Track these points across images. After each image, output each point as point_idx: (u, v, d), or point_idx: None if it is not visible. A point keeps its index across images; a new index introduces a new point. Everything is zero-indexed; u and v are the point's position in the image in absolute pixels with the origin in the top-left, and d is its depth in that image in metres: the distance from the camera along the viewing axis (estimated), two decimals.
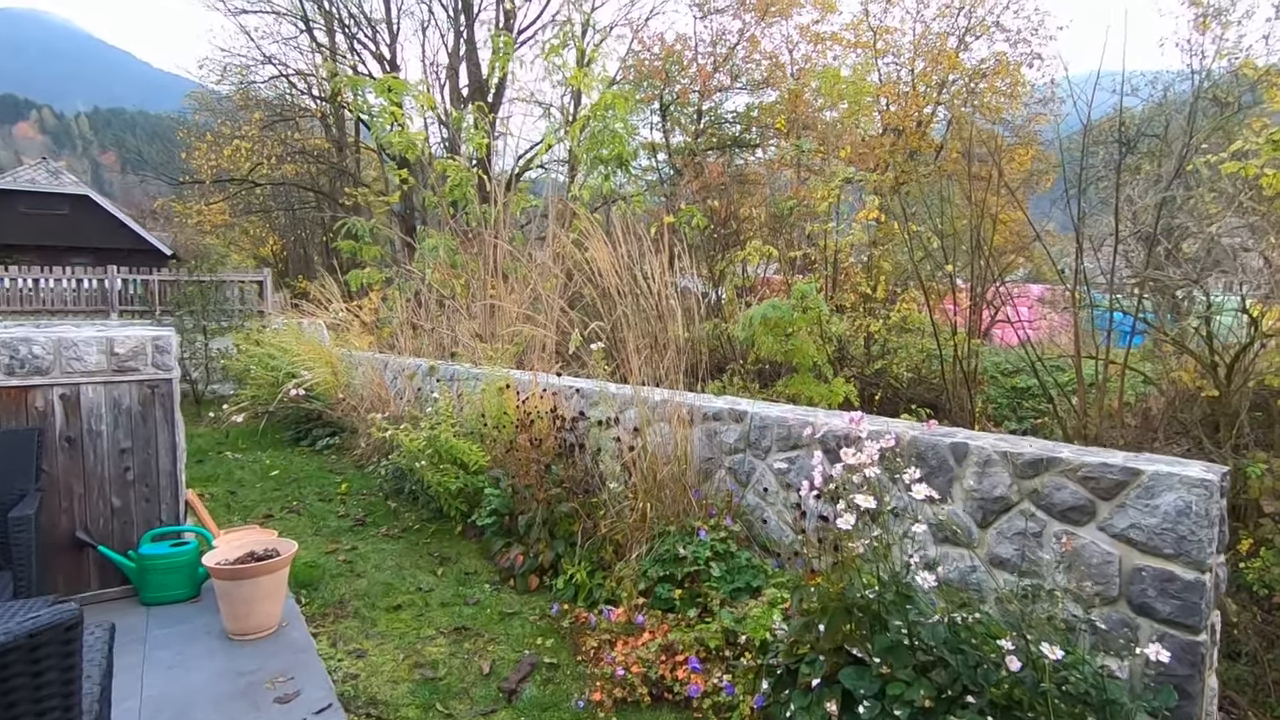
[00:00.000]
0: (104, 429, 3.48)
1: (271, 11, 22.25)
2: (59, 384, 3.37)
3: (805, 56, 22.41)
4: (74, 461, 3.42)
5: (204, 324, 8.74)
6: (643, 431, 3.56)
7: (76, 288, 10.65)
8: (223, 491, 5.54)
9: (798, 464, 3.44)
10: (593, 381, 4.83)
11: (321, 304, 8.16)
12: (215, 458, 6.63)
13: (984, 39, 20.33)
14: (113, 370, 3.48)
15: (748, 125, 22.53)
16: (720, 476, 3.83)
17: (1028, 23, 19.77)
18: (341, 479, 5.97)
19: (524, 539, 3.90)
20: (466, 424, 4.83)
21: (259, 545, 3.33)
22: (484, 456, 4.52)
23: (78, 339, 3.40)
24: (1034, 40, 19.54)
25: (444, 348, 8.25)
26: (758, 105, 22.30)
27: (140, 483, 3.58)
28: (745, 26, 22.33)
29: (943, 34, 20.66)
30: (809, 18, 21.85)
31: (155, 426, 3.61)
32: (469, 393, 4.99)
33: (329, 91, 22.50)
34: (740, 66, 22.77)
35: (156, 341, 3.58)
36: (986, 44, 20.17)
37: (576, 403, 4.83)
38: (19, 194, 24.24)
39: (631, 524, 3.49)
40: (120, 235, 25.44)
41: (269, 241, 28.14)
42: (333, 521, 4.86)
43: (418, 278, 8.37)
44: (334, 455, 6.74)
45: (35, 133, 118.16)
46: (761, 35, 22.37)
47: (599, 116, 5.73)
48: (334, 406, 6.89)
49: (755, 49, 22.42)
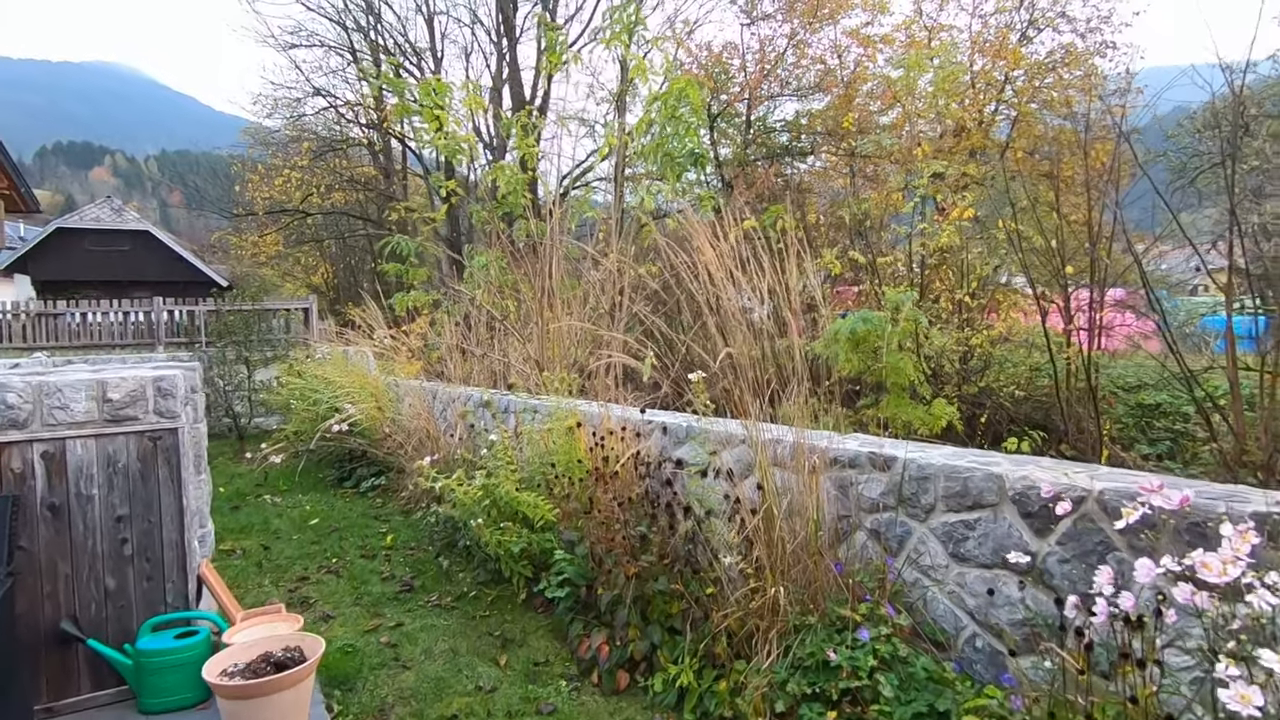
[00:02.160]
0: (96, 493, 2.82)
1: (320, 44, 22.53)
2: (40, 439, 2.73)
3: (856, 60, 21.49)
4: (59, 535, 2.77)
5: (246, 355, 8.31)
6: (768, 488, 2.72)
7: (124, 321, 10.45)
8: (256, 546, 4.91)
9: (979, 529, 2.55)
10: (682, 416, 4.02)
11: (364, 331, 7.62)
12: (253, 503, 6.04)
13: (1048, 31, 19.07)
14: (106, 420, 2.84)
15: (797, 134, 21.68)
16: (860, 542, 2.95)
17: (1096, 11, 18.42)
18: (387, 528, 5.28)
19: (608, 621, 3.09)
20: (528, 468, 4.07)
21: (279, 643, 2.60)
22: (551, 510, 3.73)
23: (62, 383, 2.77)
24: (1105, 29, 18.18)
25: (495, 375, 7.58)
26: (807, 112, 21.45)
27: (140, 558, 2.91)
28: (794, 31, 21.57)
29: (1003, 30, 19.47)
30: (858, 20, 20.95)
31: (158, 487, 2.94)
32: (529, 429, 4.23)
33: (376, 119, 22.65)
34: (789, 73, 21.99)
35: (159, 383, 2.93)
36: (1051, 36, 18.88)
37: (658, 440, 4.02)
38: (85, 232, 25.03)
39: (755, 610, 2.64)
40: (178, 268, 26.02)
41: (320, 269, 28.43)
42: (375, 585, 4.14)
43: (466, 299, 7.76)
44: (379, 498, 6.08)
45: (109, 176, 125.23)
46: (809, 40, 21.58)
47: (669, 107, 4.99)
48: (379, 443, 6.25)
49: (804, 55, 21.62)
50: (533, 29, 23.23)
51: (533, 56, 22.80)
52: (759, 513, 2.66)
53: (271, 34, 20.74)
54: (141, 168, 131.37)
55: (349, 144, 24.28)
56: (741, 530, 2.78)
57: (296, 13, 47.33)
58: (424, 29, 23.75)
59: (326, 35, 22.20)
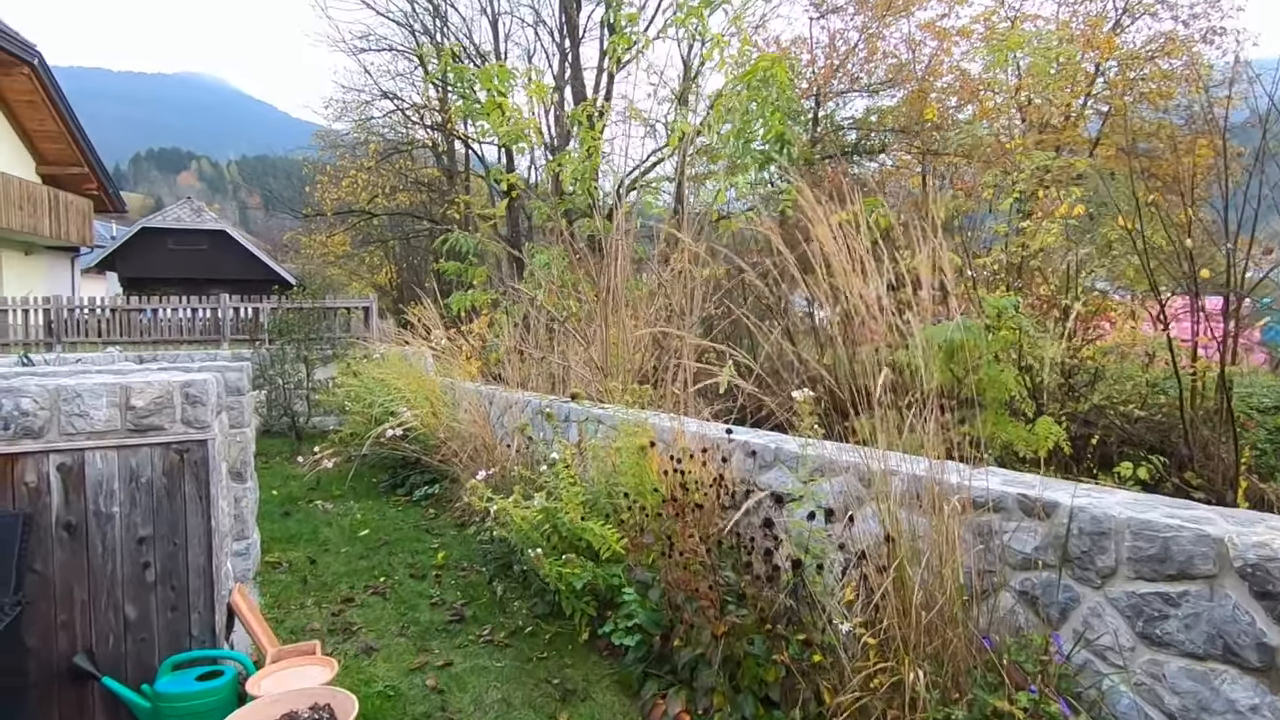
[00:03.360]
0: (116, 511, 2.51)
1: (388, 48, 22.89)
2: (57, 450, 2.43)
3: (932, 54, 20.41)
4: (75, 557, 2.47)
5: (304, 354, 8.21)
6: (898, 538, 2.17)
7: (192, 317, 10.61)
8: (303, 558, 4.63)
9: (1186, 607, 1.94)
10: (769, 436, 3.50)
11: (420, 331, 7.37)
12: (304, 509, 5.81)
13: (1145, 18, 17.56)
14: (129, 429, 2.52)
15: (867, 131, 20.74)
16: (1005, 605, 2.37)
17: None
18: (438, 543, 4.94)
19: (687, 681, 2.60)
20: (593, 488, 3.62)
21: (307, 699, 2.22)
22: (619, 540, 3.27)
23: (82, 387, 2.47)
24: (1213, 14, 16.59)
25: (555, 378, 7.20)
26: (877, 109, 20.49)
27: (164, 585, 2.59)
28: (865, 24, 20.64)
29: (1094, 18, 18.07)
30: (934, 13, 19.88)
31: (185, 506, 2.61)
32: (594, 445, 3.78)
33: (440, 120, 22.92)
34: (859, 68, 21.06)
35: (187, 389, 2.60)
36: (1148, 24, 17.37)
37: (740, 462, 3.51)
38: (167, 231, 26.17)
39: (878, 691, 2.10)
40: (253, 267, 26.91)
41: (384, 269, 28.98)
42: (424, 612, 3.77)
43: (526, 299, 7.42)
44: (432, 508, 5.77)
45: (195, 180, 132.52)
46: (882, 34, 20.62)
47: (752, 89, 4.48)
48: (434, 450, 5.95)
49: (875, 50, 20.67)
50: (595, 30, 23.05)
51: (594, 57, 22.59)
52: (888, 571, 2.12)
53: (343, 39, 21.20)
54: (224, 172, 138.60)
55: (413, 145, 24.64)
56: (859, 588, 2.25)
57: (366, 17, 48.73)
58: (488, 31, 23.88)
59: (394, 39, 22.52)
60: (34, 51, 16.39)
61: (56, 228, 17.40)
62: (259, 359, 8.67)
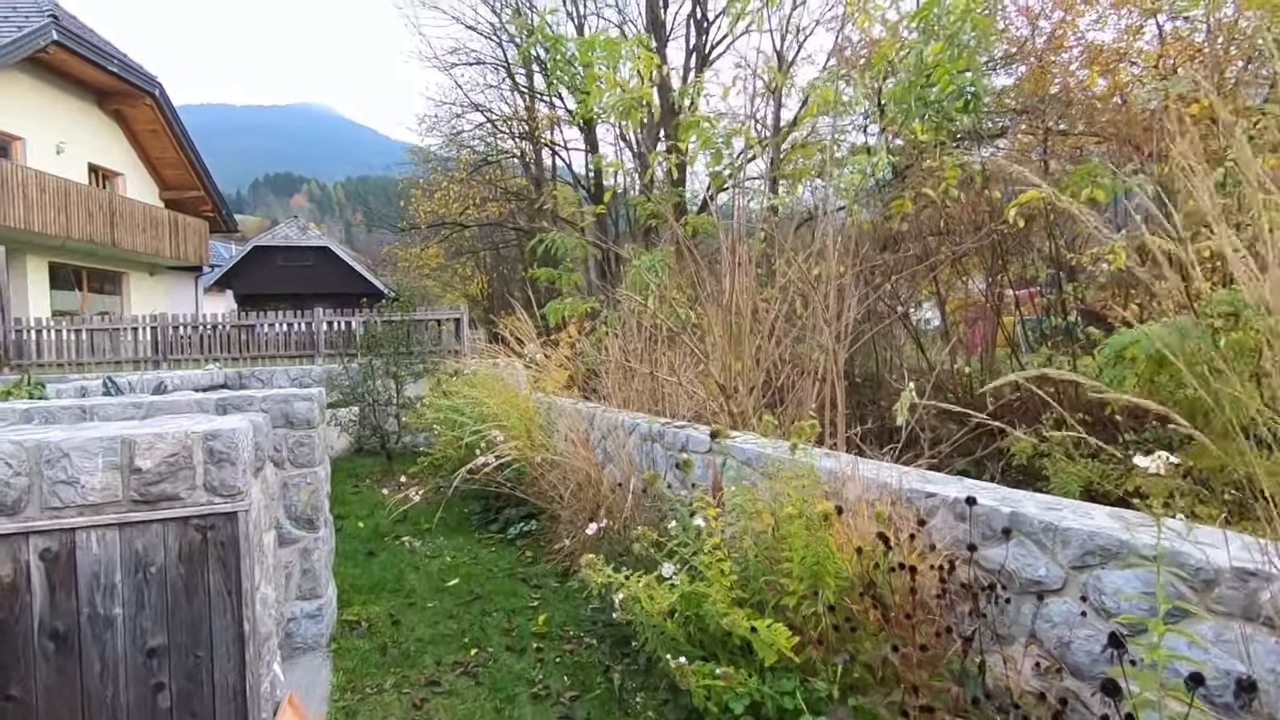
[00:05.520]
0: (118, 613, 1.84)
1: (477, 61, 23.04)
2: (39, 530, 1.78)
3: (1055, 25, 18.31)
4: (65, 677, 1.80)
5: (394, 369, 7.78)
6: None
7: (288, 332, 10.54)
8: (384, 615, 3.96)
9: None
10: (996, 490, 2.48)
11: (511, 344, 6.74)
12: (390, 546, 5.22)
13: None
14: (133, 500, 1.84)
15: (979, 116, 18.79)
16: None
17: None
18: (538, 598, 4.17)
19: None
20: (744, 558, 2.71)
21: None
22: (789, 638, 2.34)
23: (70, 445, 1.80)
24: None
25: (659, 396, 6.36)
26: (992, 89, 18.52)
27: (182, 712, 1.89)
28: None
29: None
30: None
31: (209, 603, 1.91)
32: (742, 502, 2.86)
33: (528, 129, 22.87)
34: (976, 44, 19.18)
35: (211, 443, 1.90)
36: None
37: (945, 523, 2.51)
38: (276, 249, 27.47)
39: None
40: (353, 281, 27.82)
41: (476, 280, 29.34)
42: (524, 706, 2.98)
43: (625, 307, 6.64)
44: (529, 550, 5.03)
45: (305, 202, 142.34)
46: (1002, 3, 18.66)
47: (951, 20, 3.45)
48: (530, 482, 5.23)
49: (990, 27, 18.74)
50: (681, 29, 22.27)
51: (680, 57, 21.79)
52: None
53: (435, 55, 21.44)
54: (330, 193, 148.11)
55: (502, 155, 24.75)
56: None
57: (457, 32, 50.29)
58: (573, 34, 23.62)
59: (482, 51, 22.66)
60: (155, 83, 17.28)
61: (175, 248, 18.30)
62: (350, 374, 8.33)
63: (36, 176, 13.86)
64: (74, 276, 16.83)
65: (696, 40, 21.37)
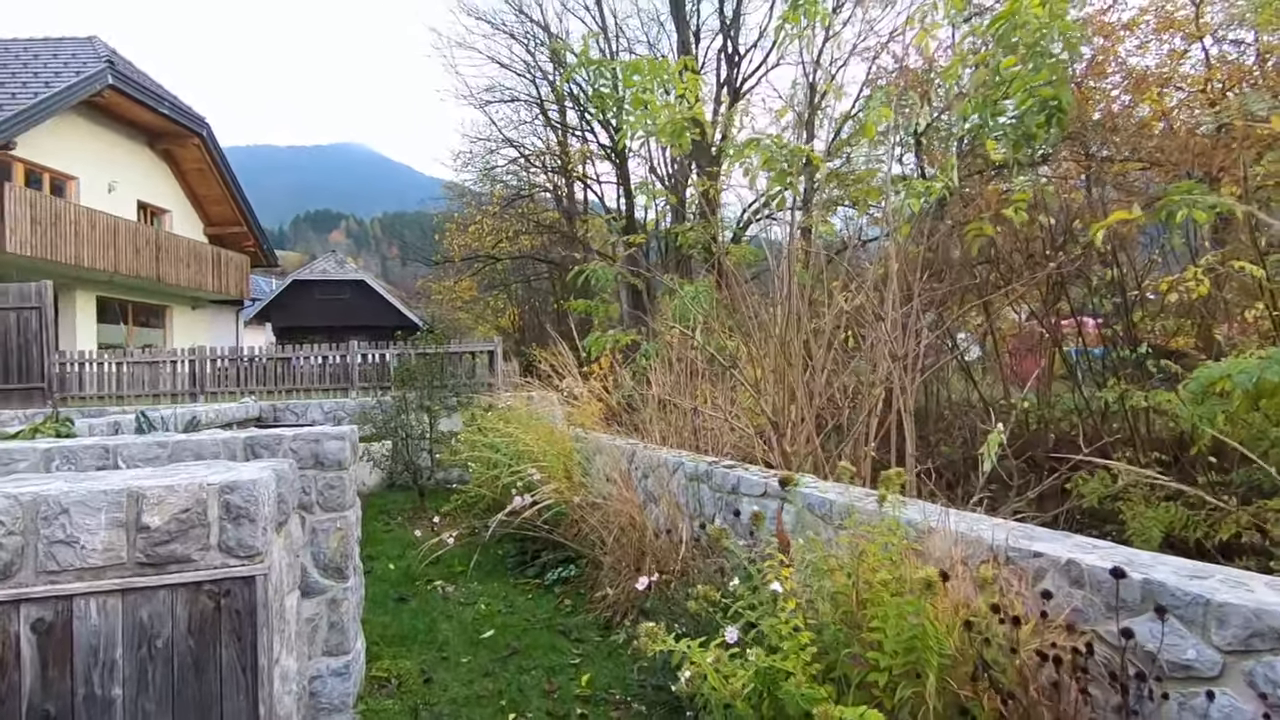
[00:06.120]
0: (119, 694, 1.60)
1: (511, 99, 23.46)
2: (30, 598, 1.56)
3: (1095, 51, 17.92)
4: None
5: (427, 403, 7.62)
6: None
7: (321, 364, 10.53)
8: (414, 671, 3.68)
9: None
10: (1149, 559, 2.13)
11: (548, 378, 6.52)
12: (422, 591, 4.96)
13: None
14: (139, 562, 1.62)
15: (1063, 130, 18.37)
16: None
17: None
18: (579, 653, 3.85)
19: None
20: (819, 625, 2.38)
21: None
22: None
23: (70, 499, 1.59)
24: None
25: (699, 430, 6.07)
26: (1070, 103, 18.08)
27: None
28: None
29: None
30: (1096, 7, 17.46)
31: (221, 681, 1.66)
32: (815, 560, 2.54)
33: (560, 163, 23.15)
34: None
35: (228, 497, 1.67)
36: None
37: (1058, 588, 2.16)
38: (314, 283, 28.02)
39: None
40: (388, 314, 28.19)
41: (508, 312, 29.53)
42: None
43: (663, 338, 6.40)
44: (568, 599, 4.72)
45: (343, 237, 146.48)
46: None
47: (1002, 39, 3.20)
48: (569, 525, 4.95)
49: None
50: (712, 62, 22.44)
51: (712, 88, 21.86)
52: None
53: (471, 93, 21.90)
54: (367, 228, 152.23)
55: (535, 189, 25.05)
56: None
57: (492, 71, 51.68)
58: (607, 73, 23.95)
59: (516, 88, 23.07)
60: (203, 124, 17.85)
61: (217, 282, 18.68)
62: (384, 408, 8.20)
63: (88, 214, 14.29)
64: (120, 310, 17.26)
65: (728, 74, 21.49)
